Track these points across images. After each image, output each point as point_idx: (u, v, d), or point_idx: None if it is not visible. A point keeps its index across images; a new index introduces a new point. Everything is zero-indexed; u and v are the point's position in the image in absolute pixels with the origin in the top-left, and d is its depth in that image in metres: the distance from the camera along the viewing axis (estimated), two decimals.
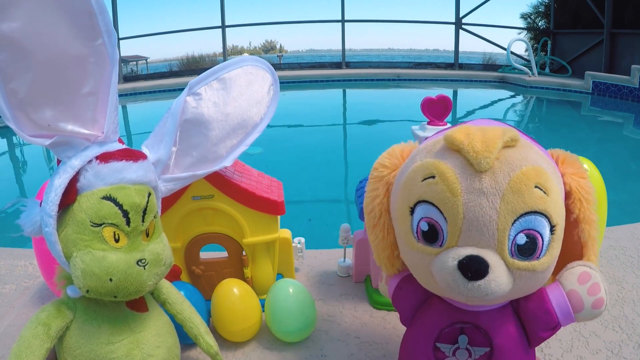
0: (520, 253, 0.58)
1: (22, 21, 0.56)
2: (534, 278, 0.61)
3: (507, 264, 0.59)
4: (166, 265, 0.70)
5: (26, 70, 0.58)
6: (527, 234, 0.58)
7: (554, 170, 0.62)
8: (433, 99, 1.08)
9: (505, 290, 0.59)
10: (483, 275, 0.57)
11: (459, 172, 0.59)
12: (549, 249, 0.59)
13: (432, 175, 0.61)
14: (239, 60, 0.95)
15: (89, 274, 0.61)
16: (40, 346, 0.63)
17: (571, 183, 0.63)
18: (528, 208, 0.57)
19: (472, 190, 0.58)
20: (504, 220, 0.57)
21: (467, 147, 0.59)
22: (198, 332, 0.81)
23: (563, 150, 0.67)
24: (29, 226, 0.64)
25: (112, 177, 0.64)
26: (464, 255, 0.58)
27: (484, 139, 0.59)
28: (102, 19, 0.62)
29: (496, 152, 0.58)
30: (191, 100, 0.88)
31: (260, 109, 0.94)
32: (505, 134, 0.59)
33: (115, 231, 0.64)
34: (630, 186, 2.80)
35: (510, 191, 0.57)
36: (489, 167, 0.58)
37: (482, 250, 0.58)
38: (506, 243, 0.58)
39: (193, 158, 0.88)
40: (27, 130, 0.61)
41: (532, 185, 0.57)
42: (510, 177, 0.57)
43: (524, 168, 0.58)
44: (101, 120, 0.67)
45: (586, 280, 0.63)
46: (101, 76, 0.65)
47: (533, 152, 0.61)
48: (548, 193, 0.58)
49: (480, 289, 0.57)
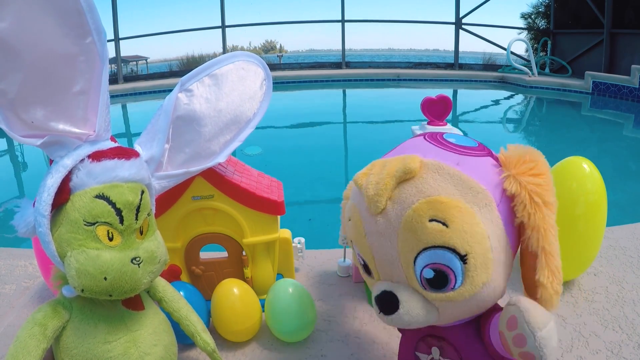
0: (431, 285, 0.58)
1: (11, 21, 0.56)
2: (461, 305, 0.58)
3: (424, 295, 0.59)
4: (161, 262, 0.70)
5: (15, 70, 0.58)
6: (433, 268, 0.56)
7: (470, 189, 0.57)
8: (433, 99, 1.09)
9: (427, 318, 0.60)
10: (393, 311, 0.59)
11: (363, 215, 0.62)
12: (467, 278, 0.56)
13: (349, 217, 0.66)
14: (230, 56, 0.94)
15: (84, 273, 0.61)
16: (37, 346, 0.63)
17: (512, 186, 0.58)
18: (424, 244, 0.56)
19: (373, 232, 0.61)
20: (405, 257, 0.58)
21: (363, 192, 0.60)
22: (195, 329, 0.81)
23: (519, 148, 0.62)
24: (22, 227, 0.64)
25: (104, 176, 0.64)
26: (380, 290, 0.62)
27: (378, 180, 0.60)
28: (91, 17, 0.62)
29: (387, 194, 0.58)
30: (183, 97, 0.88)
31: (253, 104, 0.93)
32: (400, 170, 0.58)
33: (108, 230, 0.63)
34: (630, 186, 2.79)
35: (404, 230, 0.57)
36: (381, 211, 0.59)
37: (395, 284, 0.60)
38: (414, 278, 0.58)
39: (186, 155, 0.88)
40: (18, 131, 0.61)
41: (425, 221, 0.55)
42: (402, 216, 0.57)
43: (415, 204, 0.57)
44: (93, 118, 0.67)
45: (512, 327, 0.54)
46: (91, 75, 0.65)
47: (438, 179, 0.58)
48: (448, 224, 0.55)
49: (394, 322, 0.60)
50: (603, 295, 1.12)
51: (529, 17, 8.81)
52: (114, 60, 7.41)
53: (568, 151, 0.68)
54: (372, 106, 5.86)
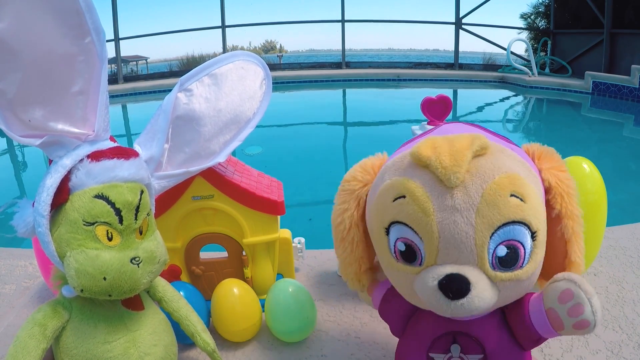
0: (502, 265, 0.57)
1: (9, 21, 0.56)
2: (518, 286, 0.59)
3: (490, 277, 0.57)
4: (160, 262, 0.70)
5: (14, 70, 0.58)
6: (507, 245, 0.56)
7: (529, 171, 0.60)
8: (433, 99, 1.08)
9: (491, 303, 0.58)
10: (465, 294, 0.55)
11: (429, 190, 0.57)
12: (532, 255, 0.57)
13: (402, 195, 0.59)
14: (230, 56, 0.94)
15: (83, 273, 0.61)
16: (37, 347, 0.63)
17: (550, 178, 0.61)
18: (505, 219, 0.55)
19: (444, 207, 0.56)
20: (482, 234, 0.55)
21: (435, 163, 0.56)
22: (195, 329, 0.81)
23: (539, 145, 0.66)
24: (22, 227, 0.63)
25: (103, 176, 0.63)
26: (444, 274, 0.56)
27: (452, 151, 0.56)
28: (90, 17, 0.62)
29: (466, 165, 0.55)
30: (182, 97, 0.87)
31: (252, 103, 0.93)
32: (474, 143, 0.57)
33: (108, 230, 0.63)
34: (630, 186, 2.79)
35: (485, 204, 0.55)
36: (460, 182, 0.55)
37: (462, 267, 0.56)
38: (486, 257, 0.56)
39: (186, 155, 0.87)
40: (17, 131, 0.61)
41: (507, 195, 0.55)
42: (483, 190, 0.55)
43: (496, 178, 0.55)
44: (92, 118, 0.67)
45: (567, 300, 0.57)
46: (90, 74, 0.65)
47: (505, 157, 0.59)
48: (525, 200, 0.56)
49: (464, 307, 0.56)
50: (603, 295, 1.12)
51: (529, 17, 8.82)
52: (114, 60, 7.41)
53: (568, 151, 0.68)
54: (372, 106, 5.85)
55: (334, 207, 0.74)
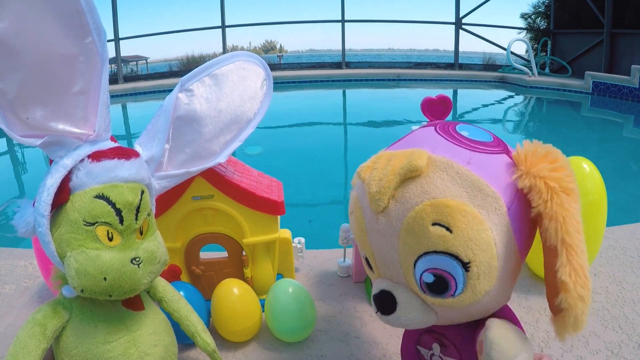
0: (431, 290, 0.56)
1: (10, 21, 0.56)
2: (461, 311, 0.57)
3: (422, 298, 0.57)
4: (161, 263, 0.70)
5: (15, 70, 0.58)
6: (433, 273, 0.54)
7: (480, 192, 0.54)
8: (433, 99, 1.08)
9: (426, 321, 0.58)
10: (390, 312, 0.58)
11: (365, 211, 0.60)
12: (468, 286, 0.54)
13: (352, 211, 0.63)
14: (231, 56, 0.94)
15: (83, 273, 0.61)
16: (37, 346, 0.63)
17: (528, 181, 0.53)
18: (425, 249, 0.53)
19: (373, 230, 0.59)
20: (405, 259, 0.56)
21: (366, 187, 0.58)
22: (195, 330, 0.81)
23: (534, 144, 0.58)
24: (22, 227, 0.63)
25: (104, 176, 0.63)
26: (378, 289, 0.60)
27: (381, 176, 0.57)
28: (91, 17, 0.62)
29: (390, 192, 0.55)
30: (183, 97, 0.87)
31: (253, 104, 0.93)
32: (404, 167, 0.55)
33: (108, 230, 0.63)
34: (630, 186, 2.79)
35: (404, 232, 0.55)
36: (382, 209, 0.56)
37: (395, 285, 0.59)
38: (413, 280, 0.56)
39: (186, 155, 0.87)
40: (18, 131, 0.61)
41: (427, 225, 0.53)
42: (404, 217, 0.54)
43: (419, 206, 0.54)
44: (92, 118, 0.67)
45: (480, 351, 0.54)
46: (91, 75, 0.65)
47: (444, 179, 0.55)
48: (453, 229, 0.52)
49: (392, 322, 0.59)
50: (603, 295, 1.12)
51: (529, 17, 8.82)
52: (114, 60, 7.42)
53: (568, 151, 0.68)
54: (372, 106, 5.85)
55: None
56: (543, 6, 8.55)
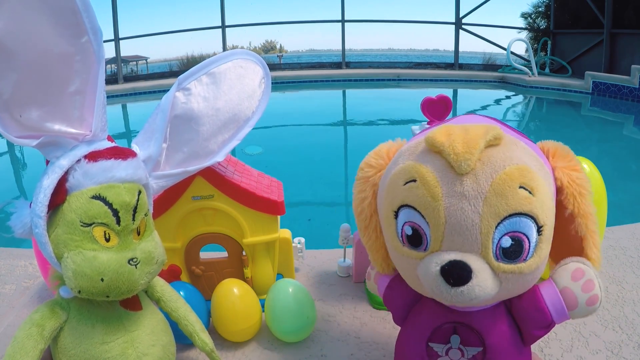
0: (505, 256, 0.57)
1: (5, 21, 0.55)
2: (522, 280, 0.59)
3: (493, 267, 0.57)
4: (158, 263, 0.69)
5: (10, 70, 0.57)
6: (512, 237, 0.56)
7: (541, 166, 0.60)
8: (433, 99, 1.08)
9: (491, 294, 0.58)
10: (466, 281, 0.56)
11: (440, 176, 0.57)
12: (537, 250, 0.57)
13: (413, 179, 0.60)
14: (229, 54, 0.93)
15: (80, 274, 0.61)
16: (34, 347, 0.63)
17: (562, 177, 0.61)
18: (512, 210, 0.55)
19: (453, 193, 0.56)
20: (487, 223, 0.55)
21: (447, 149, 0.56)
22: (193, 329, 0.81)
23: (555, 142, 0.65)
24: (19, 228, 0.63)
25: (101, 176, 0.63)
26: (447, 260, 0.57)
27: (466, 139, 0.57)
28: (87, 16, 0.61)
29: (478, 153, 0.56)
30: (180, 96, 0.86)
31: (251, 102, 0.92)
32: (488, 133, 0.57)
33: (105, 230, 0.63)
34: (630, 186, 2.80)
35: (493, 193, 0.55)
36: (471, 170, 0.56)
37: (465, 254, 0.57)
38: (490, 247, 0.56)
39: (184, 154, 0.87)
40: (14, 132, 0.60)
41: (516, 186, 0.55)
42: (492, 179, 0.55)
43: (507, 168, 0.55)
44: (89, 118, 0.66)
45: (580, 277, 0.61)
46: (88, 74, 0.64)
47: (518, 150, 0.59)
48: (534, 193, 0.55)
49: (464, 295, 0.56)
50: (603, 295, 1.12)
51: (529, 17, 8.82)
52: (114, 60, 7.42)
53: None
54: (372, 106, 5.85)
55: (353, 196, 0.74)
56: (543, 6, 8.56)
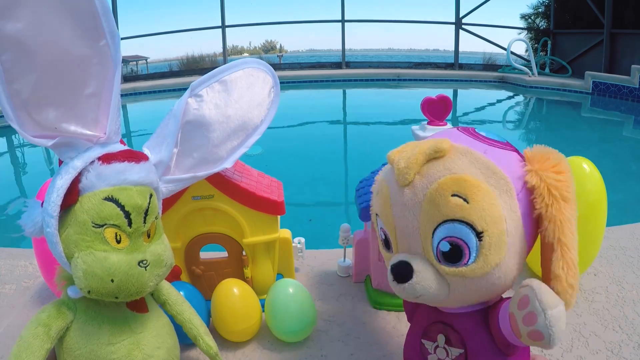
0: (446, 259, 0.61)
1: (27, 22, 0.56)
2: (471, 283, 0.60)
3: (437, 269, 0.62)
4: (167, 266, 0.70)
5: (30, 70, 0.58)
6: (449, 242, 0.60)
7: (493, 174, 0.60)
8: (433, 99, 1.08)
9: (438, 292, 0.62)
10: (406, 279, 0.62)
11: (392, 188, 0.66)
12: (480, 256, 0.58)
13: (378, 191, 0.70)
14: (240, 63, 0.96)
15: (91, 274, 0.61)
16: (41, 347, 0.63)
17: (532, 179, 0.60)
18: (444, 217, 0.59)
19: (399, 203, 0.64)
20: (425, 228, 0.61)
21: (394, 165, 0.64)
22: (198, 333, 0.81)
23: (541, 147, 0.65)
24: (30, 226, 0.64)
25: (114, 178, 0.64)
26: (396, 260, 0.65)
27: (409, 155, 0.63)
28: (106, 20, 0.62)
29: (416, 168, 0.62)
30: (193, 102, 0.88)
31: (260, 111, 0.94)
32: (431, 148, 0.62)
33: (116, 232, 0.64)
34: (630, 186, 2.80)
35: (427, 202, 0.61)
36: (409, 182, 0.63)
37: (412, 256, 0.64)
38: (431, 250, 0.61)
39: (194, 159, 0.88)
40: (30, 131, 0.61)
41: (448, 195, 0.59)
42: (427, 188, 0.61)
43: (441, 179, 0.60)
44: (104, 121, 0.67)
45: (523, 307, 0.55)
46: (104, 77, 0.65)
47: (463, 161, 0.62)
48: (469, 200, 0.58)
49: (407, 291, 0.63)
50: (603, 295, 1.12)
51: (529, 17, 8.82)
52: None
53: (568, 151, 0.68)
54: (372, 106, 5.86)
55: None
56: (543, 6, 8.56)
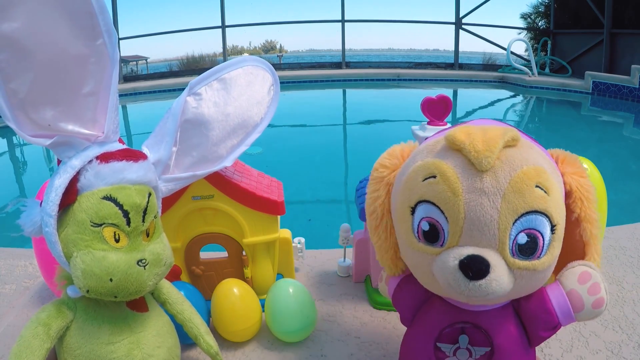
0: (521, 252, 0.58)
1: (23, 21, 0.56)
2: (534, 277, 0.61)
3: (508, 263, 0.58)
4: (166, 265, 0.70)
5: (27, 70, 0.58)
6: (528, 234, 0.58)
7: (554, 170, 0.62)
8: (433, 99, 1.08)
9: (506, 289, 0.59)
10: (484, 275, 0.57)
11: (460, 172, 0.59)
12: (550, 248, 0.59)
13: (433, 175, 0.61)
14: (239, 61, 0.95)
15: (89, 274, 0.61)
16: (41, 346, 0.63)
17: (571, 182, 0.63)
18: (529, 207, 0.57)
19: (473, 189, 0.58)
20: (505, 219, 0.57)
21: (468, 146, 0.58)
22: (198, 332, 0.81)
23: (563, 150, 0.67)
24: (29, 226, 0.64)
25: (112, 177, 0.64)
26: (465, 254, 0.58)
27: (485, 138, 0.59)
28: (103, 19, 0.62)
29: (497, 152, 0.58)
30: (192, 100, 0.88)
31: (260, 109, 0.94)
32: (506, 134, 0.59)
33: (115, 231, 0.63)
34: (630, 186, 2.80)
35: (511, 190, 0.57)
36: (490, 167, 0.58)
37: (483, 249, 0.58)
38: (507, 242, 0.58)
39: (193, 158, 0.88)
40: (28, 130, 0.61)
41: (532, 185, 0.57)
42: (511, 177, 0.57)
43: (524, 167, 0.58)
44: (101, 120, 0.67)
45: (586, 280, 0.63)
46: (102, 76, 0.65)
47: (534, 152, 0.61)
48: (549, 192, 0.58)
49: (482, 289, 0.57)
50: (608, 298, 1.12)
51: (529, 17, 8.82)
52: None
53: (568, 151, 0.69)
54: (372, 106, 5.86)
55: (366, 196, 0.75)
56: (543, 6, 8.56)
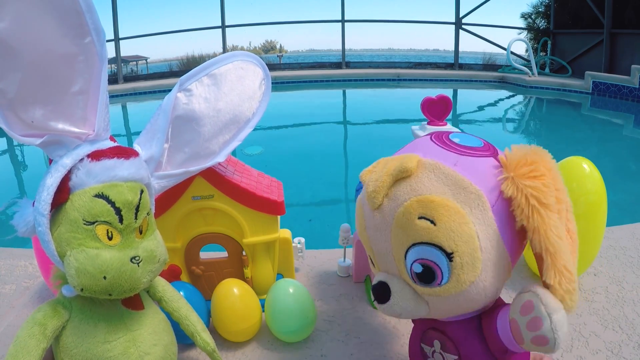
0: (420, 280, 0.61)
1: (10, 21, 0.56)
2: (449, 301, 0.61)
3: (414, 288, 0.63)
4: (160, 262, 0.70)
5: (15, 70, 0.58)
6: (422, 263, 0.60)
7: (463, 190, 0.58)
8: (433, 99, 1.09)
9: (417, 310, 0.64)
10: (385, 301, 0.64)
11: (365, 209, 0.67)
12: (453, 276, 0.58)
13: (357, 211, 0.71)
14: (229, 56, 0.94)
15: (83, 272, 0.61)
16: (37, 346, 0.63)
17: (508, 189, 0.57)
18: (412, 240, 0.59)
19: (371, 226, 0.65)
20: (397, 251, 0.62)
21: (365, 187, 0.65)
22: (194, 329, 0.81)
23: (519, 148, 0.61)
24: (22, 226, 0.64)
25: (104, 175, 0.64)
26: (377, 281, 0.66)
27: (377, 177, 0.63)
28: (90, 17, 0.62)
29: (384, 192, 0.62)
30: (182, 97, 0.88)
31: (252, 103, 0.94)
32: (397, 169, 0.61)
33: (108, 229, 0.63)
34: (630, 186, 2.79)
35: (395, 226, 0.61)
36: (378, 207, 0.63)
37: (390, 276, 0.65)
38: (405, 271, 0.62)
39: (185, 154, 0.88)
40: (18, 130, 0.61)
41: (414, 218, 0.59)
42: (395, 212, 0.61)
43: (407, 202, 0.60)
44: (92, 118, 0.67)
45: (527, 312, 0.54)
46: (91, 74, 0.65)
47: (431, 179, 0.60)
48: (436, 222, 0.57)
49: (387, 311, 0.65)
50: (603, 295, 1.12)
51: (529, 17, 8.82)
52: (114, 60, 7.41)
53: (568, 151, 0.69)
54: (372, 106, 5.85)
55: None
56: (543, 6, 8.55)
